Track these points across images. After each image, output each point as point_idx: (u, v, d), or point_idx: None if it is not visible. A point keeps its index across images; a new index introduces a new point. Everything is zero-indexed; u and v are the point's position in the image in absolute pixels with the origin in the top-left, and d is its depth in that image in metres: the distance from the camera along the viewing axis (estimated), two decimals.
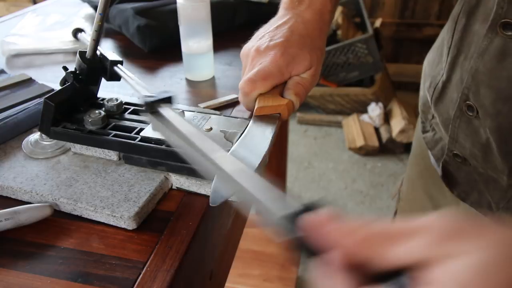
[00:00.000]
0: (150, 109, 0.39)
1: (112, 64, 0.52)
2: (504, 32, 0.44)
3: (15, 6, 2.68)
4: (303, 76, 0.51)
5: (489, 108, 0.47)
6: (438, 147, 0.62)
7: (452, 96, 0.54)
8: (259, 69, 0.48)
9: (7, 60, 0.81)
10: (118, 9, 0.87)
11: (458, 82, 0.52)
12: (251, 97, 0.49)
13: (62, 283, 0.39)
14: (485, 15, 0.47)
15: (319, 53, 0.52)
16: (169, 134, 0.37)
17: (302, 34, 0.51)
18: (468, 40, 0.50)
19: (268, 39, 0.51)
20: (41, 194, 0.47)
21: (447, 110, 0.56)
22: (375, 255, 0.23)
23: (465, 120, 0.52)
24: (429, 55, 0.66)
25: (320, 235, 0.24)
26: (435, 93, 0.59)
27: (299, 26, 0.52)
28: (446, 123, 0.56)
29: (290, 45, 0.50)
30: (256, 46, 0.51)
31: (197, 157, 0.33)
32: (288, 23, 0.52)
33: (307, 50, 0.50)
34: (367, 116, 2.33)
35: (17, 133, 0.57)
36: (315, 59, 0.51)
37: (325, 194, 2.02)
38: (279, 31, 0.51)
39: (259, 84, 0.48)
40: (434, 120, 0.62)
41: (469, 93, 0.50)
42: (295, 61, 0.49)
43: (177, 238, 0.43)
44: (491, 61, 0.46)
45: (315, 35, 0.52)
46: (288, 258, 1.40)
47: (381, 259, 0.23)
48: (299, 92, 0.49)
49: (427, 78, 0.64)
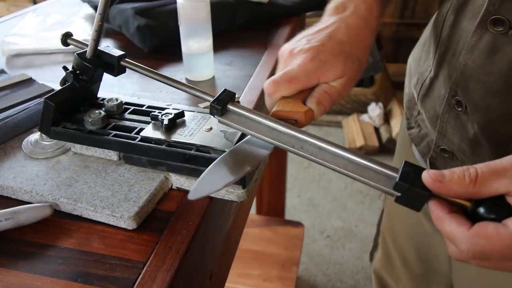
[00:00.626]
0: (220, 110, 0.44)
1: (119, 59, 0.52)
2: (495, 28, 0.45)
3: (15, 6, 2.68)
4: (332, 84, 0.48)
5: (479, 102, 0.48)
6: (424, 143, 0.63)
7: (440, 92, 0.54)
8: (286, 71, 0.46)
9: (7, 60, 0.81)
10: (118, 9, 0.87)
11: (446, 78, 0.53)
12: (273, 98, 0.47)
13: (62, 283, 0.39)
14: (474, 12, 0.48)
15: (356, 62, 0.49)
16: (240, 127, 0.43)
17: (341, 40, 0.49)
18: (456, 36, 0.51)
19: (304, 42, 0.49)
20: (41, 194, 0.47)
21: (434, 106, 0.56)
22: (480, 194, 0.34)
23: (453, 115, 0.52)
24: (414, 52, 0.67)
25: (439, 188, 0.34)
26: (422, 90, 0.59)
27: (340, 32, 0.49)
28: (432, 119, 0.57)
29: (324, 50, 0.47)
30: (291, 48, 0.49)
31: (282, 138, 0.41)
32: (330, 28, 0.50)
33: (342, 58, 0.47)
34: (367, 116, 2.33)
35: (17, 133, 0.57)
36: (349, 68, 0.48)
37: (325, 194, 2.02)
38: (318, 35, 0.49)
39: (283, 87, 0.46)
40: (419, 117, 0.63)
41: (457, 89, 0.50)
42: (326, 67, 0.47)
43: (177, 238, 0.43)
44: (480, 56, 0.47)
45: (355, 42, 0.49)
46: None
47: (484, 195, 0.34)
48: (323, 101, 0.46)
49: (413, 75, 0.65)
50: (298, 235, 1.52)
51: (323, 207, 1.96)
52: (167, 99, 0.66)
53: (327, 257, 1.71)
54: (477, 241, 0.32)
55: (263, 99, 0.50)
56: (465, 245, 0.33)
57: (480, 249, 0.32)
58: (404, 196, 0.36)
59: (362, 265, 1.68)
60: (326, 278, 1.63)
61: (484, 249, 0.32)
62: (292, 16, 0.99)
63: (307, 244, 1.74)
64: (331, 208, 1.95)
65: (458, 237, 0.33)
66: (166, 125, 0.50)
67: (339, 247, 1.76)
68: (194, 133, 0.50)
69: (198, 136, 0.49)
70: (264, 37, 0.89)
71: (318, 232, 1.82)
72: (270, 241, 1.49)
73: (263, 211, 1.65)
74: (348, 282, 1.61)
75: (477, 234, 0.33)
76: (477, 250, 0.33)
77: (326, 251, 1.74)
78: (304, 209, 1.95)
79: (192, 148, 0.48)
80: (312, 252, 1.73)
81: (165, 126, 0.50)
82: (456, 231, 0.34)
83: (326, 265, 1.68)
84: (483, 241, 0.32)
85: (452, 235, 0.34)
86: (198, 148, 0.48)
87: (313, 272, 1.65)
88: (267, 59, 0.80)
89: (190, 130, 0.51)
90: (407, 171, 0.36)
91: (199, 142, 0.48)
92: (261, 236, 1.51)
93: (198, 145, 0.48)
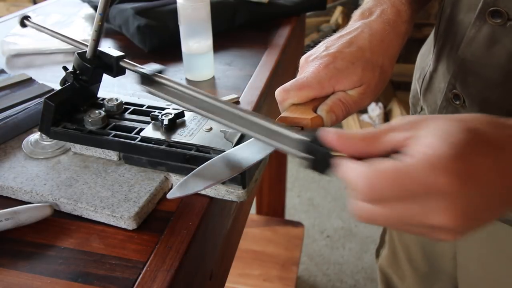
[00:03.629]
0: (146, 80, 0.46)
1: (118, 59, 0.51)
2: (493, 19, 0.45)
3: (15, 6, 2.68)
4: (350, 92, 0.45)
5: (477, 96, 0.49)
6: None
7: (440, 86, 0.55)
8: (298, 78, 0.45)
9: (7, 60, 0.81)
10: (118, 9, 0.87)
11: (445, 71, 0.53)
12: (283, 106, 0.45)
13: (62, 283, 0.39)
14: (470, 4, 0.48)
15: (377, 70, 0.45)
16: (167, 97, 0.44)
17: (362, 46, 0.45)
18: (453, 30, 0.51)
19: (322, 49, 0.46)
20: (41, 194, 0.47)
21: (434, 100, 0.56)
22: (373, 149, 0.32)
23: (452, 109, 0.52)
24: (422, 48, 0.67)
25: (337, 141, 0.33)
26: (423, 84, 0.60)
27: (362, 37, 0.46)
28: (433, 114, 0.57)
29: (341, 57, 0.44)
30: (308, 54, 0.47)
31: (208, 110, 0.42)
32: (352, 33, 0.47)
33: (361, 65, 0.44)
34: (367, 116, 2.33)
35: (17, 133, 0.57)
36: (369, 76, 0.44)
37: (325, 194, 2.02)
38: (338, 41, 0.46)
39: (292, 94, 0.44)
40: (422, 112, 0.63)
41: (455, 82, 0.51)
42: (342, 75, 0.44)
43: (177, 238, 0.43)
44: (479, 49, 0.47)
45: (378, 49, 0.46)
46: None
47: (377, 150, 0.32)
48: (335, 110, 0.43)
49: (417, 70, 0.65)
50: (298, 235, 1.52)
51: (323, 207, 1.96)
52: None
53: (327, 257, 1.71)
54: (372, 174, 0.30)
55: (263, 99, 0.50)
56: (361, 180, 0.30)
57: (374, 183, 0.30)
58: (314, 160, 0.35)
59: (362, 265, 1.67)
60: (326, 278, 1.63)
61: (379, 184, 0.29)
62: (292, 16, 0.99)
63: (307, 244, 1.74)
64: (331, 208, 1.95)
65: (353, 175, 0.31)
66: (166, 125, 0.50)
67: (339, 247, 1.76)
68: (194, 133, 0.50)
69: (198, 136, 0.49)
70: (264, 37, 0.89)
71: (318, 232, 1.82)
72: (270, 241, 1.49)
73: (263, 211, 1.65)
74: (348, 282, 1.61)
75: (373, 169, 0.30)
76: (372, 186, 0.30)
77: (326, 251, 1.74)
78: (304, 209, 1.95)
79: (192, 148, 0.48)
80: (312, 252, 1.73)
81: (165, 126, 0.50)
82: (351, 169, 0.31)
83: (326, 265, 1.68)
84: (378, 174, 0.30)
85: (347, 175, 0.32)
86: (198, 148, 0.48)
87: (313, 272, 1.65)
88: (267, 59, 0.80)
89: (190, 130, 0.51)
90: (316, 135, 0.34)
91: (199, 142, 0.48)
92: (261, 236, 1.51)
93: (198, 145, 0.48)
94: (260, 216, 1.63)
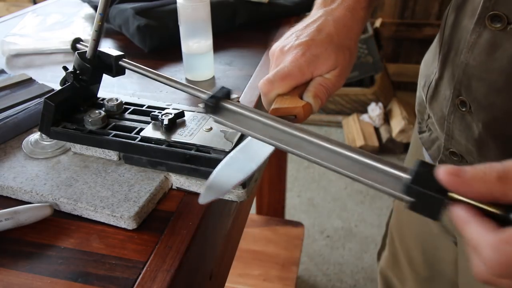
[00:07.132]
0: (213, 108, 0.42)
1: (116, 59, 0.51)
2: (493, 24, 0.44)
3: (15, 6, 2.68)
4: (326, 76, 0.48)
5: (482, 101, 0.48)
6: (434, 147, 0.62)
7: (445, 93, 0.54)
8: (279, 69, 0.46)
9: (7, 60, 0.81)
10: (118, 9, 0.87)
11: (450, 78, 0.52)
12: (269, 97, 0.47)
13: (62, 283, 0.39)
14: (473, 10, 0.48)
15: (347, 52, 0.49)
16: (235, 125, 0.41)
17: (329, 33, 0.48)
18: (457, 36, 0.51)
19: (294, 39, 0.49)
20: (41, 194, 0.47)
21: (441, 108, 0.56)
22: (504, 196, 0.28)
23: (459, 116, 0.52)
24: (426, 55, 0.67)
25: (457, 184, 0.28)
26: (429, 92, 0.59)
27: (328, 24, 0.49)
28: (440, 121, 0.57)
29: (314, 44, 0.47)
30: (281, 46, 0.49)
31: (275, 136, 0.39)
32: (318, 21, 0.50)
33: (333, 49, 0.47)
34: (367, 116, 2.33)
35: (17, 133, 0.57)
36: (341, 59, 0.48)
37: (325, 194, 2.02)
38: (307, 30, 0.49)
39: (277, 85, 0.46)
40: (430, 120, 0.63)
41: (461, 88, 0.50)
42: (318, 60, 0.47)
43: (177, 238, 0.43)
44: (481, 54, 0.47)
45: (344, 33, 0.49)
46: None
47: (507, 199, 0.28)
48: (319, 94, 0.47)
49: (422, 78, 0.64)
50: (298, 235, 1.52)
51: (323, 207, 1.96)
52: (167, 99, 0.66)
53: (327, 257, 1.71)
54: (506, 248, 0.26)
55: None
56: (490, 253, 0.27)
57: (504, 262, 0.26)
58: (417, 202, 0.30)
59: (362, 265, 1.67)
60: (326, 278, 1.63)
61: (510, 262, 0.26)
62: (292, 16, 0.99)
63: (307, 244, 1.74)
64: (331, 208, 1.95)
65: (482, 243, 0.27)
66: (166, 125, 0.50)
67: (339, 247, 1.76)
68: (194, 133, 0.50)
69: (198, 136, 0.50)
70: (264, 37, 0.89)
71: (318, 232, 1.82)
72: (270, 241, 1.49)
73: (263, 211, 1.65)
74: (348, 282, 1.61)
75: (507, 240, 0.26)
76: (506, 261, 0.26)
77: (326, 251, 1.74)
78: (304, 209, 1.95)
79: (192, 148, 0.48)
80: (312, 252, 1.73)
81: (165, 126, 0.50)
82: (480, 236, 0.27)
83: (326, 265, 1.68)
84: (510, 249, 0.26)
85: (475, 241, 0.28)
86: (198, 148, 0.48)
87: (313, 272, 1.65)
88: (267, 59, 0.80)
89: (190, 130, 0.51)
90: (421, 171, 0.30)
91: (199, 142, 0.48)
92: (261, 236, 1.51)
93: (198, 145, 0.48)
94: (260, 216, 1.63)
